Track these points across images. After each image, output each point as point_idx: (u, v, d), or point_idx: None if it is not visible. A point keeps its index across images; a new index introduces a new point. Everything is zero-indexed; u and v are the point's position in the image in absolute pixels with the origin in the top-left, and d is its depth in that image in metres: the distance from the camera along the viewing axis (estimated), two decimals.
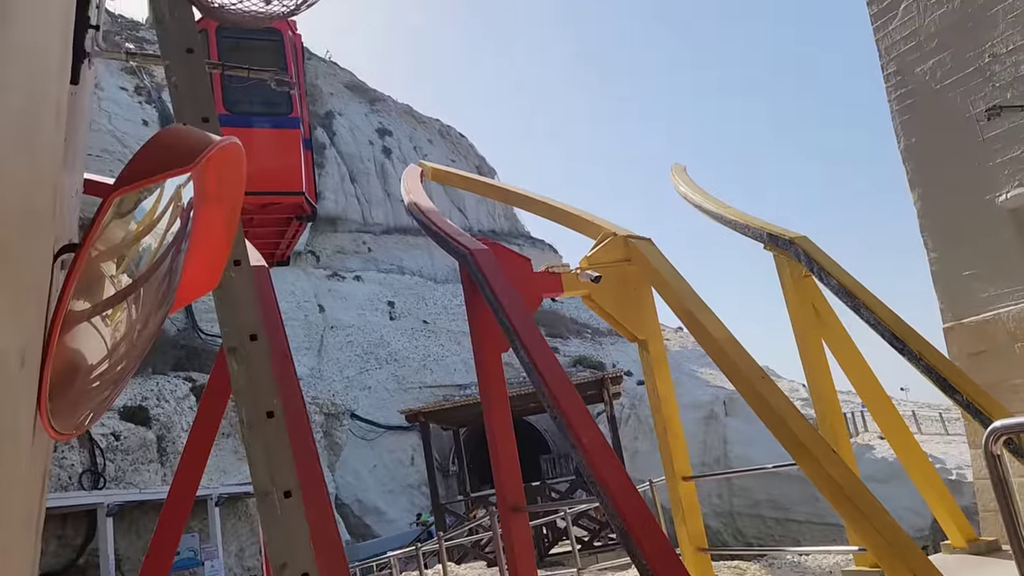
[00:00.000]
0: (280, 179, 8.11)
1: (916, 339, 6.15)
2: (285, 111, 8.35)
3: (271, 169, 8.04)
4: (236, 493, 23.70)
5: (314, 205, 8.76)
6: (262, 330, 3.04)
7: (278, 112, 8.33)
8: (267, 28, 7.83)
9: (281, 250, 9.91)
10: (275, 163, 8.08)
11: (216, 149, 1.23)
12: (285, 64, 8.18)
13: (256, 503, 3.61)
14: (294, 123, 8.37)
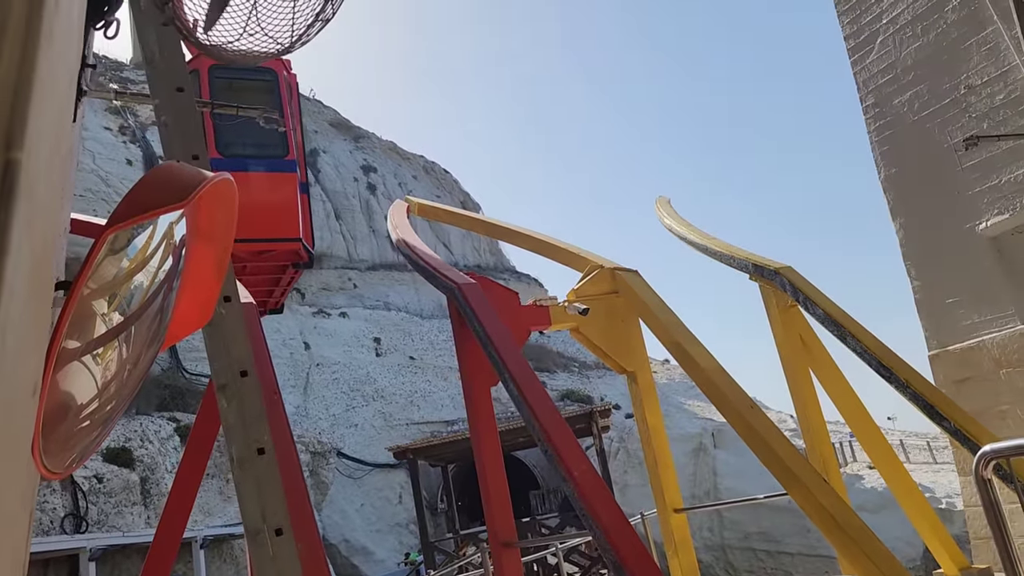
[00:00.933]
0: (276, 225, 7.79)
1: (903, 367, 6.20)
2: (281, 153, 8.04)
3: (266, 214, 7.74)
4: (221, 535, 23.33)
5: (311, 252, 8.40)
6: (252, 367, 3.03)
7: (274, 154, 8.03)
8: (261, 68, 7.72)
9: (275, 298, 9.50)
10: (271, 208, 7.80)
11: (209, 186, 1.25)
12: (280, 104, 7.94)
13: (246, 542, 3.57)
14: (290, 166, 8.08)
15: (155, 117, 3.34)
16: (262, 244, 7.70)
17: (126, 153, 36.58)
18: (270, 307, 9.54)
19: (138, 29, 3.25)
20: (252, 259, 7.98)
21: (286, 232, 7.80)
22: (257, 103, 7.61)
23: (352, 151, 51.05)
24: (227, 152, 7.63)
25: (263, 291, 9.10)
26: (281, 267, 8.42)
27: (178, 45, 3.30)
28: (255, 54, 2.36)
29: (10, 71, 0.33)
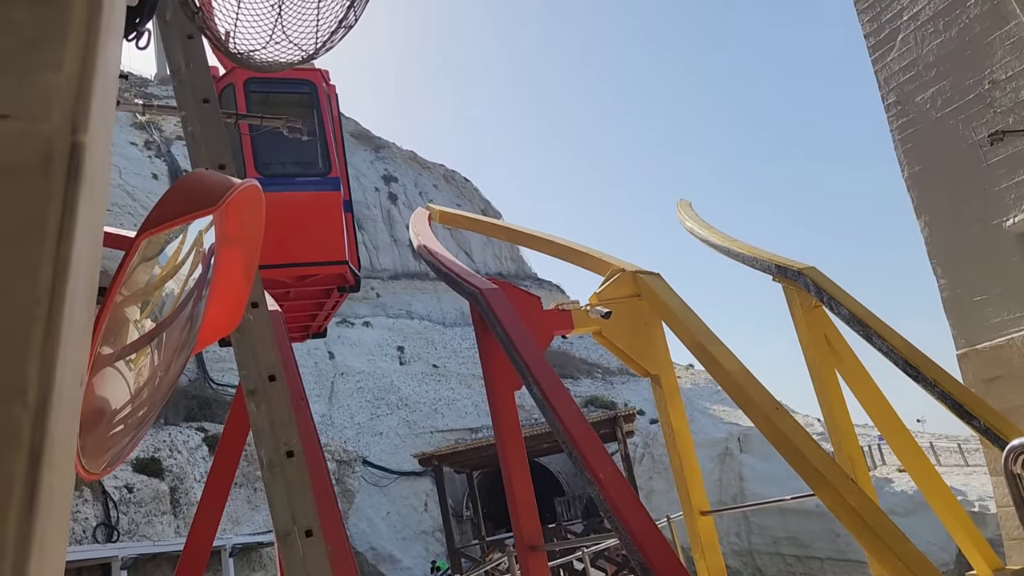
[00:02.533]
0: (320, 248, 7.30)
1: (930, 366, 6.14)
2: (323, 171, 7.51)
3: (310, 237, 7.25)
4: (250, 543, 23.51)
5: (358, 274, 7.87)
6: (280, 371, 3.08)
7: (316, 172, 7.50)
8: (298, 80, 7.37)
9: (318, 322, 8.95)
10: (314, 230, 7.28)
11: (237, 192, 1.29)
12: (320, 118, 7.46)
13: (276, 544, 3.61)
14: (334, 184, 7.55)
15: (182, 128, 3.41)
16: (306, 268, 7.28)
17: (151, 167, 37.12)
18: (313, 331, 9.08)
19: (164, 42, 3.32)
20: (296, 284, 7.51)
21: (331, 255, 7.35)
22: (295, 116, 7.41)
23: (373, 161, 51.38)
24: (266, 171, 7.20)
25: (306, 316, 8.68)
26: (326, 291, 7.98)
27: (204, 57, 3.37)
28: (280, 62, 2.41)
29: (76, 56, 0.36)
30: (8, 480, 0.32)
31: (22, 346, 0.33)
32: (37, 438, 0.33)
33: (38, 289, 0.34)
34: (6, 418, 0.32)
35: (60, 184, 0.36)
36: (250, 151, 7.04)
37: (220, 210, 1.27)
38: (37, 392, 0.33)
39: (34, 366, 0.33)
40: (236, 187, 1.32)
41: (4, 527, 0.31)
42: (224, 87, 7.21)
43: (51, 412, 0.33)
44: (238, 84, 7.15)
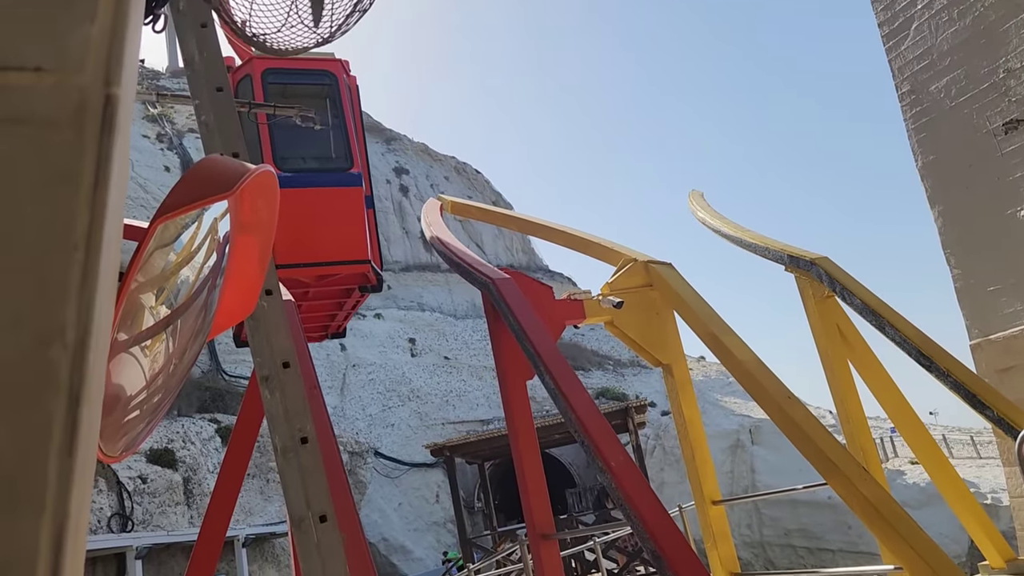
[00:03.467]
0: (342, 246, 7.04)
1: (943, 356, 6.11)
2: (345, 166, 7.23)
3: (331, 235, 6.99)
4: (263, 534, 23.67)
5: (380, 274, 7.60)
6: (294, 358, 3.10)
7: (337, 167, 7.22)
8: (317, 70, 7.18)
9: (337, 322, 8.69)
10: (335, 227, 7.02)
11: (252, 177, 1.30)
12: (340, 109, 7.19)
13: (290, 530, 3.64)
14: (355, 179, 7.25)
15: (195, 117, 3.42)
16: (327, 268, 7.01)
17: (163, 160, 37.29)
18: (331, 331, 8.84)
19: (177, 30, 3.33)
20: (315, 283, 7.24)
21: (353, 253, 7.09)
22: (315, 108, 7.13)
23: (384, 153, 51.47)
24: (286, 166, 6.94)
25: (325, 316, 8.42)
26: (346, 291, 7.70)
27: (217, 46, 3.38)
28: (295, 47, 2.42)
29: (108, 9, 0.37)
30: (48, 420, 0.32)
31: (61, 290, 0.34)
32: (76, 380, 0.33)
33: (76, 235, 0.35)
34: (46, 359, 0.33)
35: (94, 135, 0.36)
36: (268, 145, 6.80)
37: (235, 196, 1.28)
38: (75, 334, 0.34)
39: (72, 310, 0.34)
40: (251, 173, 1.33)
41: (46, 465, 0.32)
42: (241, 78, 7.04)
43: (89, 354, 0.34)
44: (255, 75, 6.93)
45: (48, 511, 0.32)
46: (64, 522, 0.32)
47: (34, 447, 0.31)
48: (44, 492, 0.32)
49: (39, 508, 0.31)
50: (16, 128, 0.34)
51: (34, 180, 0.34)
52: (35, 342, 0.32)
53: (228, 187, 1.27)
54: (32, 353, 0.32)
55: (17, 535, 0.31)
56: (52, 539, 0.31)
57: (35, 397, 0.32)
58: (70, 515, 0.32)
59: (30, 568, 0.31)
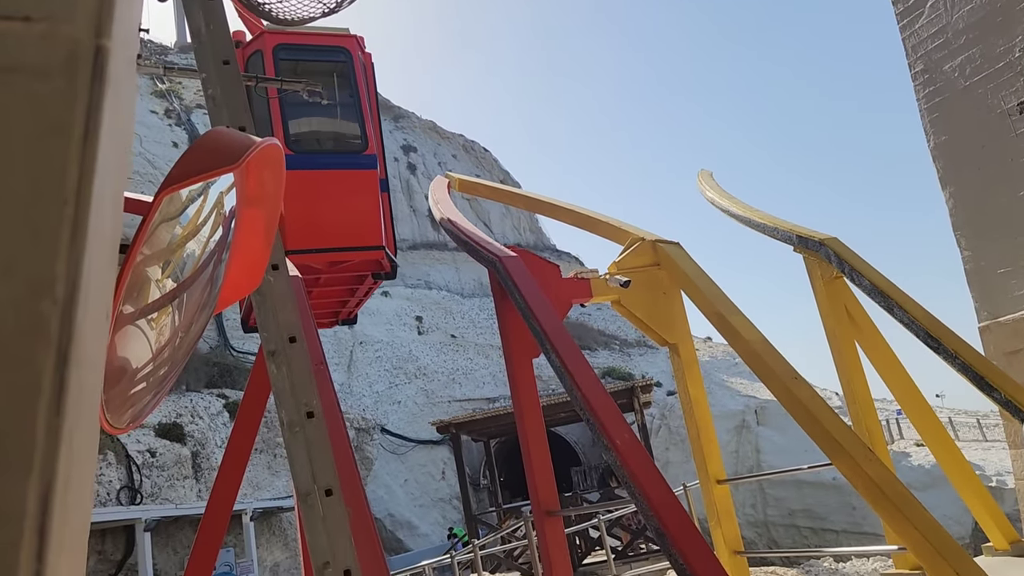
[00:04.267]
0: (355, 231, 6.79)
1: (951, 338, 6.08)
2: (359, 148, 6.93)
3: (345, 220, 6.73)
4: (270, 508, 23.90)
5: (394, 260, 7.37)
6: (301, 333, 3.10)
7: (351, 149, 6.93)
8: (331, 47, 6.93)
9: (348, 308, 8.44)
10: (349, 212, 6.76)
11: (258, 150, 1.29)
12: (355, 88, 6.90)
13: (296, 505, 3.66)
14: (370, 162, 6.98)
15: (203, 91, 3.41)
16: (339, 254, 6.78)
17: (171, 136, 37.26)
18: (342, 317, 8.62)
19: (184, 3, 3.31)
20: (327, 270, 6.98)
21: (367, 239, 6.85)
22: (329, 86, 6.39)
23: (392, 131, 51.31)
24: (298, 148, 6.66)
25: (335, 302, 8.17)
26: (359, 277, 7.47)
27: (224, 18, 3.35)
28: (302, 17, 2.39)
29: None
30: (37, 375, 0.32)
31: (52, 244, 0.33)
32: (65, 335, 0.33)
33: (65, 190, 0.34)
34: (34, 313, 0.32)
35: (84, 86, 0.35)
36: (280, 125, 6.52)
37: (241, 168, 1.27)
38: (65, 288, 0.33)
39: (62, 264, 0.33)
40: (257, 145, 1.32)
41: (33, 421, 0.31)
42: (252, 53, 6.82)
43: (78, 309, 0.33)
44: (267, 50, 6.66)
45: (35, 472, 0.31)
46: (52, 482, 0.31)
47: (22, 403, 0.31)
48: (32, 452, 0.31)
49: (26, 469, 0.31)
50: (6, 77, 0.33)
51: (24, 130, 0.33)
52: (26, 291, 0.31)
53: (234, 160, 1.26)
54: (23, 302, 0.31)
55: (3, 494, 0.30)
56: (39, 499, 0.31)
57: (25, 349, 0.31)
58: (58, 475, 0.32)
59: (16, 528, 0.30)
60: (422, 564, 12.20)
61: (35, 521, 0.30)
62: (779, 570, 8.92)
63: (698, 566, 3.72)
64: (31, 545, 0.30)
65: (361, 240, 6.84)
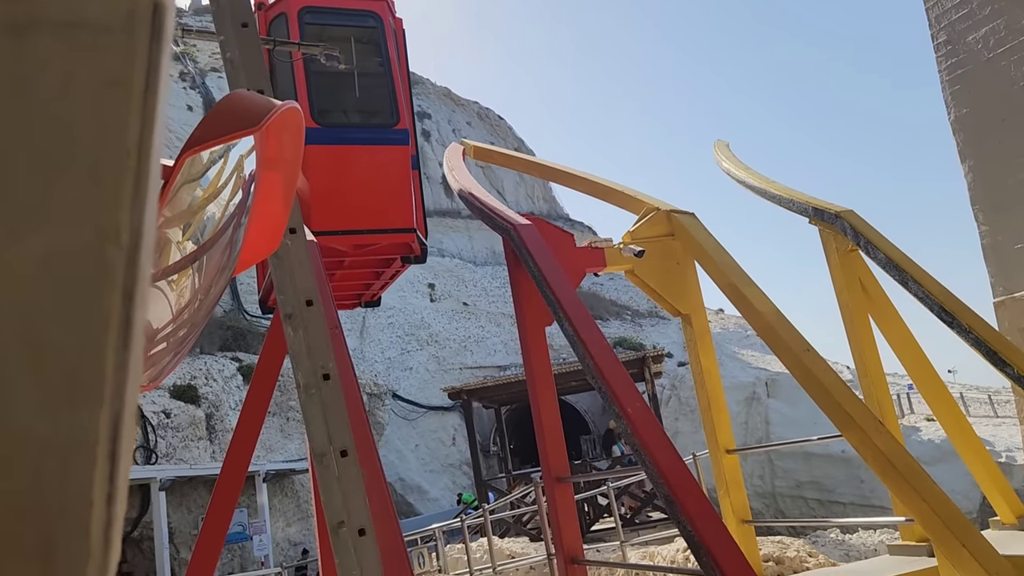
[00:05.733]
0: (385, 212, 6.38)
1: (966, 312, 6.06)
2: (390, 121, 6.48)
3: (374, 199, 6.32)
4: (282, 470, 24.24)
5: (425, 243, 6.91)
6: (318, 296, 3.13)
7: (381, 123, 6.51)
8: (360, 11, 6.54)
9: (373, 291, 7.99)
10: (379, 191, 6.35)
11: (278, 113, 1.30)
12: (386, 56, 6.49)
13: (310, 466, 3.73)
14: (402, 137, 6.53)
15: (220, 54, 3.41)
16: (368, 236, 6.38)
17: (186, 99, 37.20)
18: (365, 300, 8.19)
19: None
20: (353, 253, 6.61)
21: (397, 221, 6.44)
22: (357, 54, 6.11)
23: None
24: (325, 121, 6.25)
25: (360, 285, 7.77)
26: (386, 260, 7.05)
27: None
28: None
29: None
30: (107, 314, 0.34)
31: (116, 194, 0.35)
32: (129, 278, 0.35)
33: (128, 142, 0.36)
34: (103, 257, 0.34)
35: (144, 42, 0.37)
36: (306, 97, 6.13)
37: (261, 131, 1.29)
38: (129, 237, 0.35)
39: (126, 213, 0.35)
40: (277, 108, 1.33)
41: (104, 356, 0.34)
42: (275, 16, 6.48)
43: (141, 256, 0.35)
44: (291, 14, 6.24)
45: (107, 402, 0.33)
46: (121, 412, 0.34)
47: (94, 340, 0.33)
48: (103, 384, 0.33)
49: (98, 399, 0.33)
50: (72, 32, 0.35)
51: (89, 84, 0.35)
52: (95, 238, 0.33)
53: (255, 122, 1.27)
54: (93, 248, 0.33)
55: (79, 426, 0.32)
56: (110, 429, 0.33)
57: (95, 291, 0.33)
58: (126, 406, 0.34)
59: (91, 456, 0.32)
60: (432, 527, 12.38)
61: (107, 447, 0.33)
62: (786, 539, 9.00)
63: (706, 533, 3.77)
64: (104, 470, 0.32)
65: (391, 222, 6.43)
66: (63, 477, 0.31)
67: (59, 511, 0.31)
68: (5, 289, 0.33)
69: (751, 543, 6.29)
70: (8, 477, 0.30)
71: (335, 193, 6.09)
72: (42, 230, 0.33)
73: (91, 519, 0.32)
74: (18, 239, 0.33)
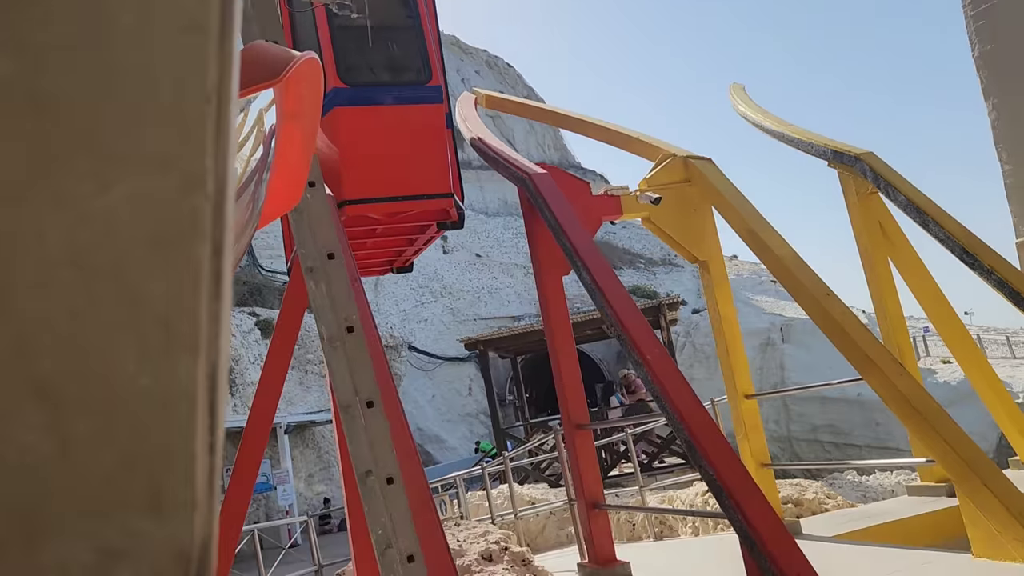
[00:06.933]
0: (420, 177, 5.93)
1: (988, 253, 6.00)
2: (422, 78, 5.99)
3: (408, 163, 5.90)
4: (303, 422, 24.61)
5: (462, 208, 6.51)
6: (339, 249, 3.13)
7: (413, 80, 6.01)
8: None
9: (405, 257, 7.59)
10: (413, 154, 5.91)
11: (297, 65, 1.28)
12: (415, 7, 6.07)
13: (335, 417, 3.78)
14: (435, 95, 6.03)
15: None
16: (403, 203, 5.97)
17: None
18: (397, 266, 7.78)
19: None
20: (387, 220, 6.23)
21: (433, 186, 5.98)
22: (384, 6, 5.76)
23: None
24: (352, 79, 5.78)
25: (391, 252, 7.41)
26: (421, 227, 6.66)
27: None
28: None
29: None
30: (198, 264, 0.33)
31: (199, 140, 0.34)
32: (217, 228, 0.34)
33: (207, 87, 0.35)
34: (191, 205, 0.34)
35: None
36: (331, 53, 5.70)
37: (282, 83, 1.27)
38: (215, 184, 0.34)
39: (210, 159, 0.34)
40: (297, 59, 1.31)
41: (198, 307, 0.33)
42: None
43: (226, 205, 0.35)
44: None
45: (203, 352, 0.33)
46: (216, 363, 0.33)
47: (188, 290, 0.33)
48: (199, 335, 0.33)
49: (195, 349, 0.33)
50: None
51: (167, 29, 0.34)
52: (182, 186, 0.33)
53: (275, 74, 1.26)
54: (180, 197, 0.33)
55: (179, 376, 0.32)
56: (208, 379, 0.33)
57: (185, 241, 0.33)
58: (221, 357, 0.34)
59: (192, 406, 0.32)
60: (452, 475, 12.58)
61: (206, 397, 0.32)
62: (803, 482, 9.09)
63: (728, 477, 3.81)
64: (205, 420, 0.32)
65: (427, 187, 5.95)
66: (167, 428, 0.31)
67: (166, 462, 0.31)
68: (97, 240, 0.32)
69: (771, 486, 6.36)
70: (116, 429, 0.30)
71: (366, 158, 5.73)
72: (129, 179, 0.33)
73: (195, 469, 0.32)
74: (106, 188, 0.32)
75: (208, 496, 0.32)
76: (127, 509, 0.30)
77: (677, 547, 7.58)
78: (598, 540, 5.53)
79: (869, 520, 6.29)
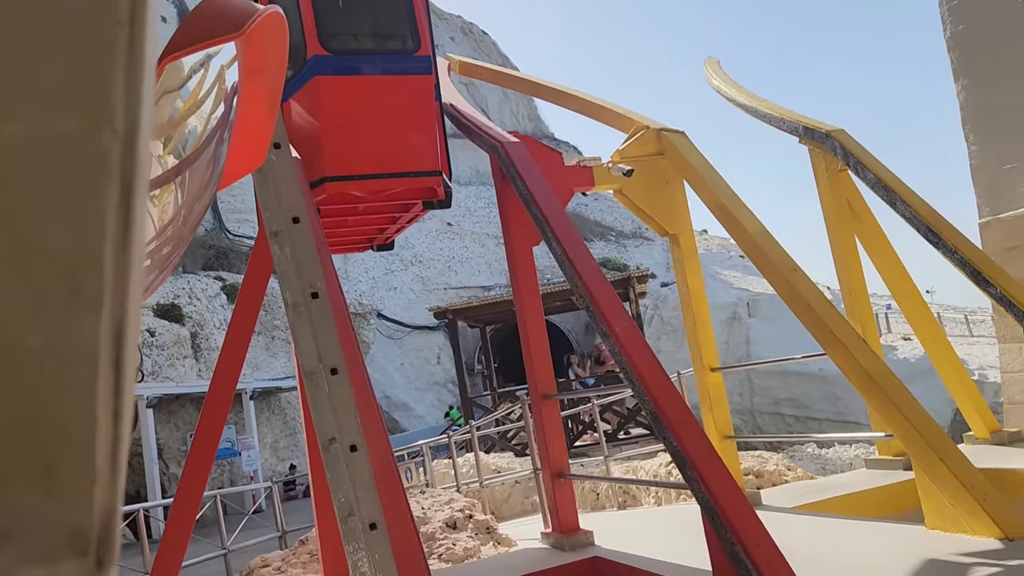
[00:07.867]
0: (406, 153, 5.60)
1: (951, 232, 6.08)
2: (409, 47, 5.61)
3: (393, 138, 5.57)
4: (269, 388, 24.48)
5: (449, 186, 6.18)
6: (304, 213, 3.06)
7: (399, 48, 5.64)
8: None
9: (387, 235, 7.29)
10: (399, 128, 5.59)
11: (261, 18, 1.22)
12: None
13: (299, 384, 3.74)
14: (423, 66, 5.63)
15: None
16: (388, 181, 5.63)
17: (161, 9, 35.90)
18: (377, 243, 7.51)
19: None
20: (370, 198, 5.89)
21: (420, 163, 5.65)
22: None
23: None
24: (334, 46, 5.41)
25: (373, 229, 7.12)
26: (405, 205, 6.31)
27: None
28: None
29: None
30: (103, 209, 0.30)
31: (109, 69, 0.30)
32: (127, 168, 0.31)
33: (120, 7, 0.31)
34: (97, 144, 0.30)
35: None
36: (312, 17, 5.36)
37: (243, 37, 1.21)
38: (125, 120, 0.30)
39: (120, 93, 0.31)
40: (260, 13, 1.25)
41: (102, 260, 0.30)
42: None
43: (139, 142, 0.31)
44: None
45: (107, 309, 0.29)
46: (123, 320, 0.30)
47: (92, 240, 0.29)
48: (102, 289, 0.29)
49: (98, 306, 0.29)
50: None
51: None
52: (88, 124, 0.29)
53: (237, 27, 1.20)
54: (85, 135, 0.29)
55: (77, 335, 0.29)
56: (112, 338, 0.29)
57: (89, 184, 0.29)
58: (128, 313, 0.30)
59: (92, 369, 0.29)
60: (419, 443, 12.60)
61: (110, 358, 0.29)
62: (765, 454, 9.24)
63: (692, 448, 3.84)
64: (108, 383, 0.29)
65: (413, 164, 5.64)
66: (62, 393, 0.28)
67: (60, 431, 0.28)
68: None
69: (733, 458, 6.44)
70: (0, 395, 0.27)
71: (349, 131, 5.44)
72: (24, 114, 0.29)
73: (96, 438, 0.28)
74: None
75: (110, 468, 0.29)
76: (13, 484, 0.27)
77: (640, 516, 7.67)
78: (562, 509, 5.57)
79: (827, 492, 6.41)
